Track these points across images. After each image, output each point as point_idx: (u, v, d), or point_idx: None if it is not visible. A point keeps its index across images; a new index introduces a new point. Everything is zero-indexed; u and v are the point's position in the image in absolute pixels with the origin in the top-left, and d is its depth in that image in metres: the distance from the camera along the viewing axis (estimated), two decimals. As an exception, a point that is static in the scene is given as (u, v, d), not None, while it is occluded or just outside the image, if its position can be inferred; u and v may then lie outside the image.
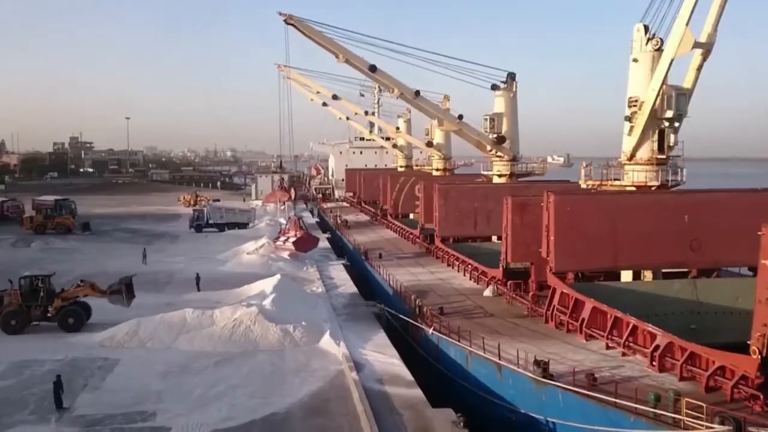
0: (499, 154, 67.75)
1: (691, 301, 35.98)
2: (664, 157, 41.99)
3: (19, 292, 42.52)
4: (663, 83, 40.14)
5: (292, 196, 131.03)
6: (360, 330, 41.21)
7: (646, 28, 40.53)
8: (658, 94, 40.35)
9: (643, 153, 42.22)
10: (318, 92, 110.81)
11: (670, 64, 39.67)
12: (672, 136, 41.94)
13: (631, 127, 41.72)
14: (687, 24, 38.43)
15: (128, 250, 79.26)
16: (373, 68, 62.07)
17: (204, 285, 55.09)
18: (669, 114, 40.93)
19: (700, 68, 40.91)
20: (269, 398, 29.87)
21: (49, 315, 42.31)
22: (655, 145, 41.84)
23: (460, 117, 68.98)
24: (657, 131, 41.68)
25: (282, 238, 70.02)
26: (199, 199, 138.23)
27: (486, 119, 66.79)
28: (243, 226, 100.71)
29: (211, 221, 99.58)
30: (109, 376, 33.33)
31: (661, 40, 40.10)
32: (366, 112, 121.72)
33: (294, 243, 67.44)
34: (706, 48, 39.79)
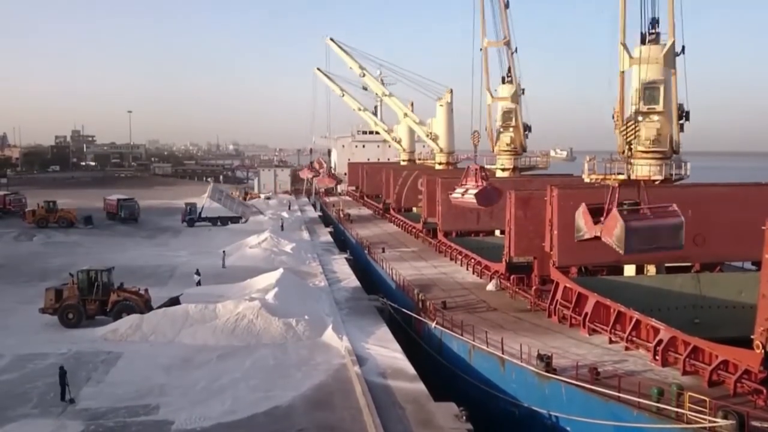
0: (513, 146, 68.13)
1: (694, 296, 35.93)
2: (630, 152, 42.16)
3: (76, 286, 42.53)
4: (621, 90, 40.91)
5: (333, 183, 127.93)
6: (362, 324, 41.22)
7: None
8: (621, 94, 40.97)
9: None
10: (361, 68, 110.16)
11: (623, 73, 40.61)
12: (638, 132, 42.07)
13: (615, 124, 42.12)
14: (622, 43, 40.32)
15: (131, 243, 79.45)
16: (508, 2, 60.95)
17: (206, 279, 55.15)
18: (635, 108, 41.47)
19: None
20: (272, 392, 29.88)
21: (107, 309, 42.25)
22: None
23: (523, 91, 67.85)
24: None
25: (459, 190, 60.86)
26: (249, 196, 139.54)
27: (505, 110, 67.62)
28: (236, 220, 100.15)
29: (203, 214, 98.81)
30: (112, 370, 33.39)
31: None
32: (384, 90, 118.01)
33: (476, 195, 58.87)
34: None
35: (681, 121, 42.14)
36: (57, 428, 26.45)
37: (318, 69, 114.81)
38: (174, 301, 43.49)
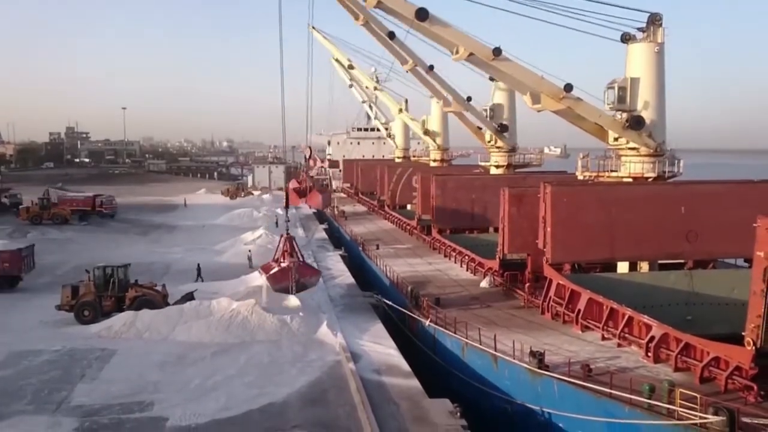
0: (498, 144, 68.53)
1: (686, 293, 36.05)
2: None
3: (93, 283, 42.54)
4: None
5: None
6: (357, 321, 41.27)
7: None
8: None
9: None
10: (337, 59, 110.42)
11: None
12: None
13: None
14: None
15: (125, 240, 79.33)
16: (391, 35, 54.01)
17: (203, 275, 55.10)
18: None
19: None
20: (266, 388, 29.94)
21: (123, 306, 42.20)
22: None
23: (469, 99, 66.30)
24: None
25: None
26: (244, 192, 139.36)
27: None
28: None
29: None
30: (106, 367, 33.38)
31: None
32: (375, 85, 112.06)
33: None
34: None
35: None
36: (52, 425, 26.44)
37: (336, 60, 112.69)
38: (189, 297, 43.50)
